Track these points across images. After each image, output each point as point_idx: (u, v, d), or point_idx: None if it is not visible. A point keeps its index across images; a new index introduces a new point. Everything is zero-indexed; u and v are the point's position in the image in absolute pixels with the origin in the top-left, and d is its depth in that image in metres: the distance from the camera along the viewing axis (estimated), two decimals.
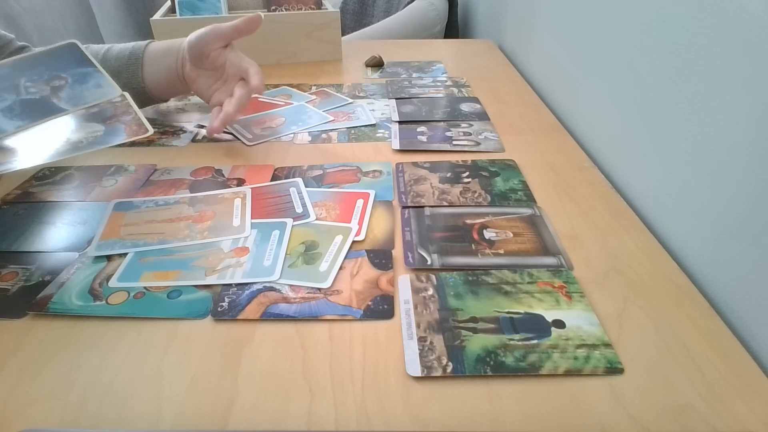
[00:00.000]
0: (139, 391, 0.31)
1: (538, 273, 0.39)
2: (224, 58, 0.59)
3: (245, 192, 0.50)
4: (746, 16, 0.36)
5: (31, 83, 0.49)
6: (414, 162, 0.56)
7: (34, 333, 0.35)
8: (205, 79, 0.60)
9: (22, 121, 0.46)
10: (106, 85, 0.50)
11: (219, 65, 0.59)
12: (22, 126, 0.45)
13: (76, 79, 0.50)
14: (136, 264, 0.41)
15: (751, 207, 0.36)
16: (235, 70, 0.59)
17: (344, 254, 0.42)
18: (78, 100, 0.48)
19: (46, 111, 0.47)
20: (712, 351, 0.33)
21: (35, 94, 0.48)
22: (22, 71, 0.50)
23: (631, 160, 0.52)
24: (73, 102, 0.48)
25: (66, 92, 0.49)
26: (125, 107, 0.48)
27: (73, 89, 0.49)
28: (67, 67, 0.51)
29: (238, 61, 0.59)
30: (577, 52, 0.65)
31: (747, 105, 0.36)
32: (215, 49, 0.58)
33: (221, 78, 0.60)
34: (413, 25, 1.20)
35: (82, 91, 0.49)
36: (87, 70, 0.51)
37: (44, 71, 0.50)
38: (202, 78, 0.60)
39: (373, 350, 0.33)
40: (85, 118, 0.47)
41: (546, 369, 0.32)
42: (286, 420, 0.29)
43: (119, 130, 0.45)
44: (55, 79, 0.50)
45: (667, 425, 0.29)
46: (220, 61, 0.59)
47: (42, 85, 0.49)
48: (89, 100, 0.48)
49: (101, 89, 0.49)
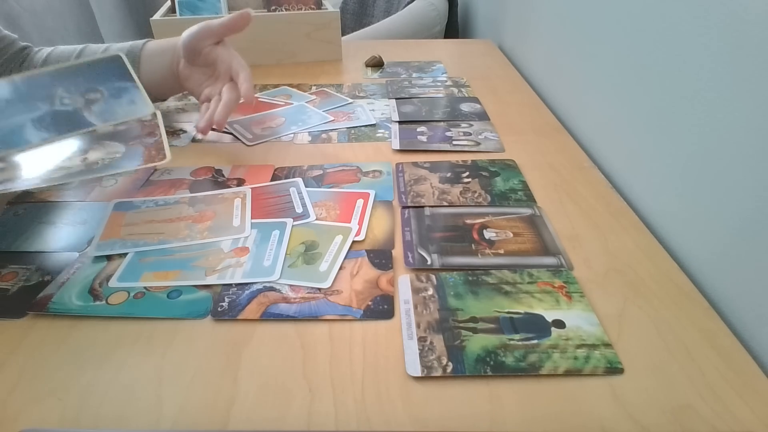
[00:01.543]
0: (139, 391, 0.31)
1: (538, 273, 0.39)
2: (215, 55, 0.59)
3: (245, 192, 0.50)
4: (747, 16, 0.36)
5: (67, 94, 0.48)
6: (414, 162, 0.56)
7: (34, 333, 0.35)
8: (198, 77, 0.60)
9: (49, 133, 0.46)
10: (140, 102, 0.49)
11: (211, 62, 0.59)
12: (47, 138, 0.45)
13: (111, 93, 0.50)
14: (136, 264, 0.41)
15: (751, 207, 0.36)
16: (225, 68, 0.59)
17: (344, 254, 0.42)
18: (109, 115, 0.48)
19: (75, 124, 0.47)
20: (712, 351, 0.33)
21: (69, 105, 0.48)
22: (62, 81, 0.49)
23: (631, 160, 0.52)
24: (104, 117, 0.48)
25: (99, 106, 0.48)
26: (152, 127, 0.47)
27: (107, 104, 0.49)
28: (106, 80, 0.50)
29: (229, 60, 0.59)
30: (577, 52, 0.65)
31: (747, 105, 0.36)
32: (207, 46, 0.58)
33: (213, 76, 0.60)
34: (413, 25, 1.20)
35: (115, 107, 0.48)
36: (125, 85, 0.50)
37: (83, 83, 0.50)
38: (194, 75, 0.59)
39: (373, 350, 0.33)
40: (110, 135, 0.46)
41: (546, 369, 0.32)
42: (286, 420, 0.29)
43: (137, 153, 0.44)
44: (92, 91, 0.49)
45: (667, 425, 0.29)
46: (212, 58, 0.59)
47: (77, 96, 0.49)
48: (120, 116, 0.48)
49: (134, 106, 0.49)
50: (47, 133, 0.46)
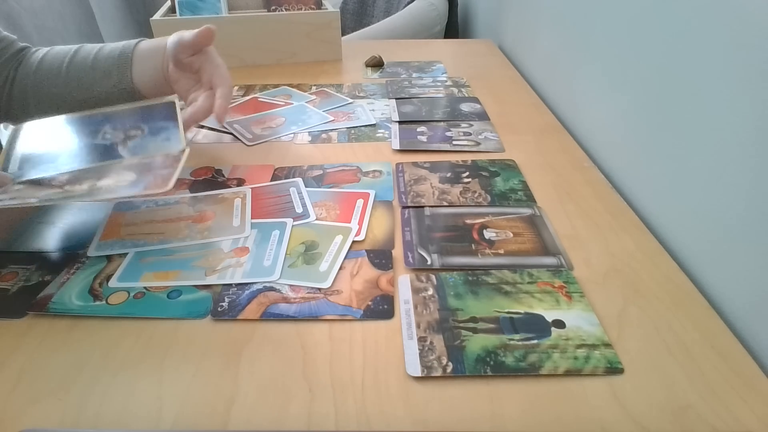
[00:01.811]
0: (139, 391, 0.31)
1: (538, 273, 0.39)
2: (199, 64, 0.58)
3: (245, 192, 0.50)
4: (747, 16, 0.36)
5: (111, 130, 0.49)
6: (414, 162, 0.56)
7: (34, 333, 0.35)
8: (185, 81, 0.59)
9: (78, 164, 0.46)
10: (174, 139, 0.49)
11: (195, 70, 0.59)
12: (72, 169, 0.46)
13: (151, 131, 0.50)
14: (136, 264, 0.41)
15: (751, 207, 0.36)
16: (207, 78, 0.58)
17: (344, 254, 0.42)
18: (140, 150, 0.48)
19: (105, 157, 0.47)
20: (712, 351, 0.33)
21: (108, 140, 0.48)
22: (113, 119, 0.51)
23: (631, 160, 0.52)
24: (135, 152, 0.48)
25: (135, 142, 0.49)
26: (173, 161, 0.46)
27: (144, 140, 0.49)
28: (152, 119, 0.51)
29: (211, 72, 0.58)
30: (577, 52, 0.65)
31: (747, 105, 0.36)
32: (185, 57, 0.58)
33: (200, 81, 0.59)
34: (413, 25, 1.20)
35: (149, 143, 0.49)
36: (167, 125, 0.50)
37: (131, 121, 0.51)
38: (182, 80, 0.59)
39: (373, 350, 0.33)
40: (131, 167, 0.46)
41: (546, 369, 0.32)
42: (286, 420, 0.29)
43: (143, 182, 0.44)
44: (134, 129, 0.50)
45: (667, 425, 0.29)
46: (195, 67, 0.58)
47: (119, 133, 0.49)
48: (150, 151, 0.48)
49: (167, 143, 0.48)
50: (78, 163, 0.46)
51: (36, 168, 0.46)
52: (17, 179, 0.44)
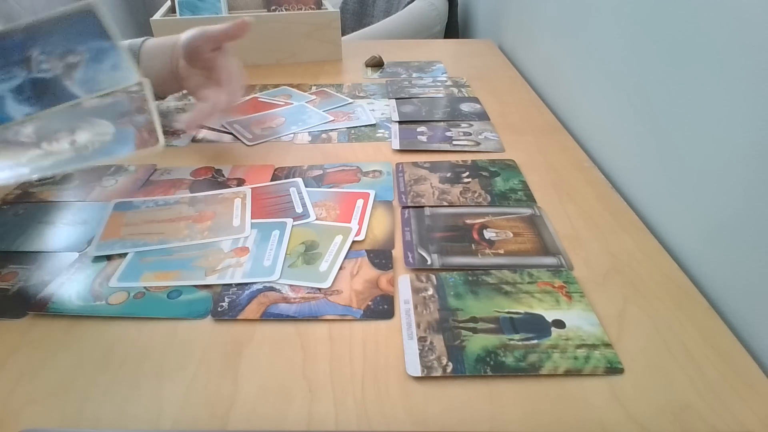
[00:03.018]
0: (139, 391, 0.31)
1: (538, 273, 0.39)
2: (215, 63, 0.58)
3: (245, 192, 0.50)
4: (745, 17, 0.36)
5: (44, 56, 0.44)
6: (414, 162, 0.56)
7: (34, 333, 0.35)
8: (197, 78, 0.59)
9: (32, 107, 0.42)
10: (123, 67, 0.45)
11: (210, 67, 0.59)
12: (31, 114, 0.42)
13: (92, 55, 0.45)
14: (137, 264, 0.41)
15: (751, 207, 0.36)
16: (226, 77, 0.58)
17: (344, 254, 0.42)
18: (92, 84, 0.44)
19: (58, 96, 0.43)
20: (712, 351, 0.33)
21: (47, 72, 0.43)
22: (36, 39, 0.44)
23: (631, 160, 0.52)
24: (87, 86, 0.44)
25: (80, 73, 0.44)
26: (141, 101, 0.43)
27: (88, 69, 0.44)
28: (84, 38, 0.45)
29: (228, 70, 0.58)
30: (577, 52, 0.65)
31: (747, 105, 0.36)
32: (206, 51, 0.57)
33: (212, 79, 0.59)
34: (413, 25, 1.20)
35: (97, 73, 0.44)
36: (104, 45, 0.45)
37: (59, 41, 0.44)
38: (194, 77, 0.59)
39: (373, 350, 0.33)
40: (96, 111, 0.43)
41: (546, 369, 0.32)
42: (286, 420, 0.29)
43: (129, 135, 0.41)
44: (70, 54, 0.44)
45: (667, 425, 0.29)
46: (211, 64, 0.58)
47: (55, 60, 0.44)
48: (104, 85, 0.44)
49: (118, 72, 0.44)
50: (29, 106, 0.42)
51: None
52: None
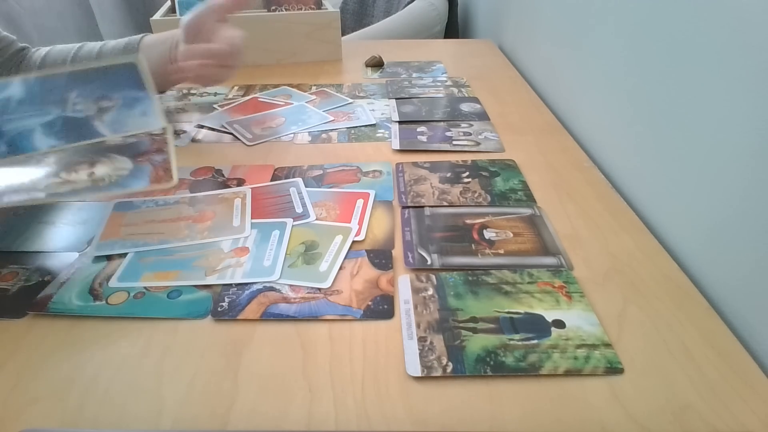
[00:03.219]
0: (139, 391, 0.31)
1: (538, 273, 0.39)
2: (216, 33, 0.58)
3: (245, 192, 0.50)
4: (745, 16, 0.36)
5: (80, 99, 0.47)
6: (414, 162, 0.56)
7: (34, 333, 0.35)
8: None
9: (58, 140, 0.45)
10: (151, 114, 0.48)
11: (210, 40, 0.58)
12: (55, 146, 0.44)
13: (125, 102, 0.48)
14: (137, 264, 0.41)
15: (751, 207, 0.36)
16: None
17: (344, 254, 0.42)
18: (119, 126, 0.47)
19: (85, 134, 0.46)
20: (712, 351, 0.33)
21: (80, 112, 0.46)
22: (76, 84, 0.47)
23: (630, 160, 0.52)
24: (114, 128, 0.46)
25: (111, 116, 0.47)
26: (161, 143, 0.45)
27: (119, 114, 0.47)
28: (121, 87, 0.49)
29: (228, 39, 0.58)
30: (577, 52, 0.65)
31: (747, 105, 0.36)
32: (210, 23, 0.57)
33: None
34: (413, 25, 1.20)
35: (127, 117, 0.47)
36: (138, 95, 0.48)
37: (97, 88, 0.48)
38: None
39: (373, 350, 0.33)
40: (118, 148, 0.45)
41: (546, 369, 0.32)
42: (286, 420, 0.29)
43: (144, 172, 0.43)
44: (105, 99, 0.48)
45: (667, 425, 0.29)
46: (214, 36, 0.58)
47: (90, 103, 0.47)
48: (130, 127, 0.46)
49: (146, 118, 0.47)
50: (56, 140, 0.45)
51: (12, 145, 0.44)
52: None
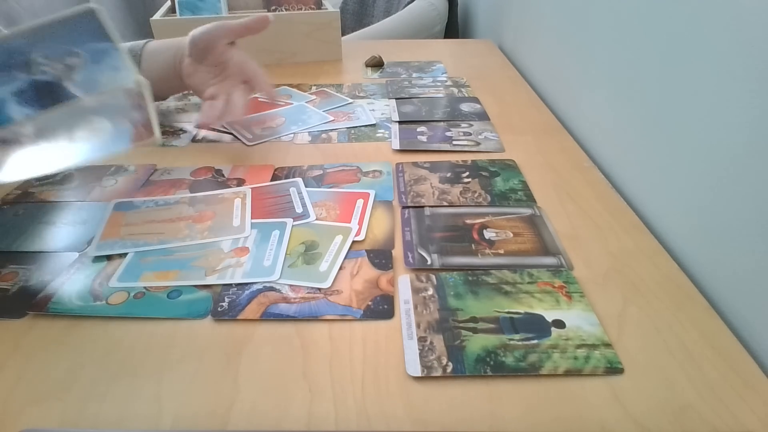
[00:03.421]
0: (139, 391, 0.31)
1: (538, 273, 0.39)
2: (229, 56, 0.59)
3: (245, 192, 0.50)
4: (746, 16, 0.36)
5: (44, 59, 0.44)
6: (414, 162, 0.56)
7: (34, 333, 0.35)
8: (203, 75, 0.60)
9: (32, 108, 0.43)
10: (123, 67, 0.45)
11: (221, 62, 0.59)
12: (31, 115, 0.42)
13: (91, 56, 0.45)
14: (136, 264, 0.41)
15: (751, 207, 0.36)
16: (237, 71, 0.59)
17: (344, 254, 0.42)
18: (92, 84, 0.44)
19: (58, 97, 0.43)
20: (712, 351, 0.33)
21: (48, 74, 0.44)
22: (37, 43, 0.44)
23: (631, 160, 0.52)
24: (87, 87, 0.44)
25: (80, 74, 0.44)
26: (138, 99, 0.43)
27: (88, 70, 0.44)
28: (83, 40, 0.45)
29: (243, 63, 0.59)
30: (577, 52, 0.65)
31: (747, 104, 0.36)
32: (221, 45, 0.58)
33: (220, 75, 0.60)
34: (413, 25, 1.20)
35: (97, 74, 0.45)
36: (104, 46, 0.45)
37: (59, 44, 0.45)
38: (199, 73, 0.59)
39: (373, 350, 0.33)
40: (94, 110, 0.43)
41: (546, 369, 0.32)
42: (286, 420, 0.29)
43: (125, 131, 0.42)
44: (70, 55, 0.45)
45: (667, 425, 0.29)
46: (224, 58, 0.59)
47: (56, 62, 0.44)
48: (103, 85, 0.44)
49: (117, 72, 0.44)
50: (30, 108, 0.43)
51: None
52: None
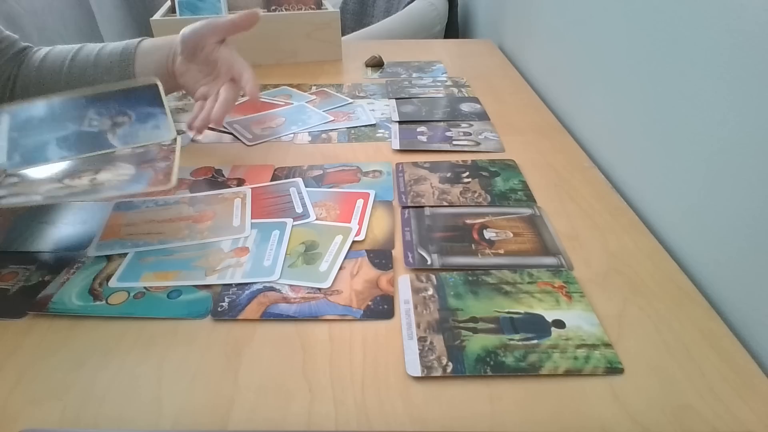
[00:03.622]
0: (139, 391, 0.31)
1: (538, 273, 0.39)
2: (218, 55, 0.58)
3: (245, 192, 0.50)
4: (747, 16, 0.36)
5: (97, 117, 0.48)
6: (414, 162, 0.56)
7: (34, 333, 0.35)
8: (194, 74, 0.59)
9: (70, 152, 0.46)
10: (164, 127, 0.49)
11: (211, 61, 0.59)
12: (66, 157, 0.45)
13: (139, 118, 0.49)
14: (137, 264, 0.41)
15: (751, 206, 0.36)
16: (227, 69, 0.59)
17: (344, 254, 0.42)
18: (131, 138, 0.48)
19: (96, 146, 0.47)
20: (712, 351, 0.33)
21: (96, 127, 0.48)
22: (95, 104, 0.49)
23: (631, 160, 0.52)
24: (126, 140, 0.47)
25: (124, 130, 0.48)
26: (168, 152, 0.46)
27: (132, 128, 0.48)
28: (137, 105, 0.50)
29: (232, 61, 0.59)
30: (577, 52, 0.65)
31: (747, 105, 0.36)
32: (210, 43, 0.58)
33: (211, 74, 0.60)
34: (413, 25, 1.20)
35: (138, 131, 0.48)
36: (153, 111, 0.50)
37: (114, 106, 0.49)
38: (191, 72, 0.59)
39: (373, 350, 0.33)
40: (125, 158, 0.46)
41: (546, 369, 0.32)
42: (286, 420, 0.29)
43: (145, 177, 0.44)
44: (120, 115, 0.49)
45: (667, 425, 0.29)
46: (214, 56, 0.58)
47: (106, 119, 0.48)
48: (141, 140, 0.47)
49: (158, 131, 0.48)
50: (68, 152, 0.46)
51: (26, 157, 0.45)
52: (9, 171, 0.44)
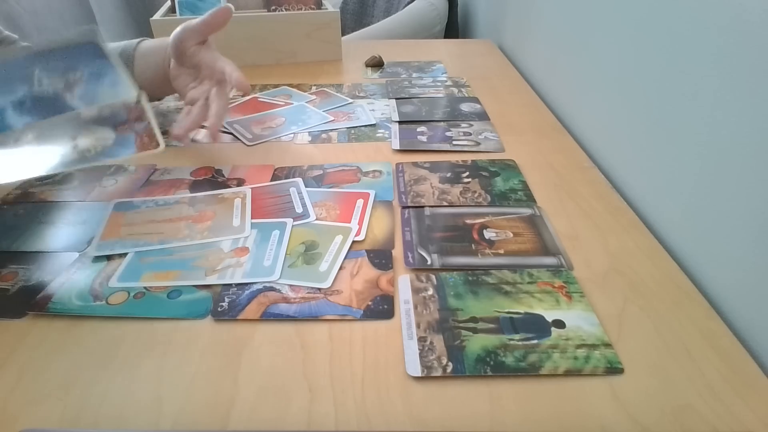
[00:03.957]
0: (139, 391, 0.31)
1: (538, 273, 0.39)
2: (199, 57, 0.57)
3: (245, 192, 0.50)
4: (747, 16, 0.36)
5: (46, 75, 0.46)
6: (414, 162, 0.56)
7: (34, 333, 0.35)
8: (184, 78, 0.59)
9: (31, 117, 0.44)
10: (122, 84, 0.46)
11: (195, 63, 0.58)
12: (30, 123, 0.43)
13: (91, 74, 0.46)
14: (137, 264, 0.41)
15: (751, 207, 0.36)
16: (209, 72, 0.58)
17: (344, 254, 0.42)
18: (91, 98, 0.45)
19: (58, 109, 0.44)
20: (712, 351, 0.33)
21: (48, 87, 0.45)
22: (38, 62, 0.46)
23: (631, 160, 0.52)
24: (86, 101, 0.45)
25: (80, 89, 0.46)
26: (139, 112, 0.45)
27: (88, 86, 0.46)
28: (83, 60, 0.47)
29: (213, 62, 0.57)
30: (577, 52, 0.65)
31: (748, 104, 0.36)
32: (190, 46, 0.57)
33: (198, 77, 0.59)
34: (413, 25, 1.20)
35: (96, 89, 0.46)
36: (104, 65, 0.47)
37: (60, 63, 0.47)
38: (182, 76, 0.58)
39: (373, 350, 0.33)
40: (96, 120, 0.44)
41: (546, 369, 0.32)
42: (286, 420, 0.29)
43: (129, 140, 0.43)
44: (70, 72, 0.46)
45: (667, 425, 0.29)
46: (196, 59, 0.57)
47: (57, 78, 0.46)
48: (103, 99, 0.45)
49: (117, 88, 0.46)
50: (29, 117, 0.43)
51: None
52: None
